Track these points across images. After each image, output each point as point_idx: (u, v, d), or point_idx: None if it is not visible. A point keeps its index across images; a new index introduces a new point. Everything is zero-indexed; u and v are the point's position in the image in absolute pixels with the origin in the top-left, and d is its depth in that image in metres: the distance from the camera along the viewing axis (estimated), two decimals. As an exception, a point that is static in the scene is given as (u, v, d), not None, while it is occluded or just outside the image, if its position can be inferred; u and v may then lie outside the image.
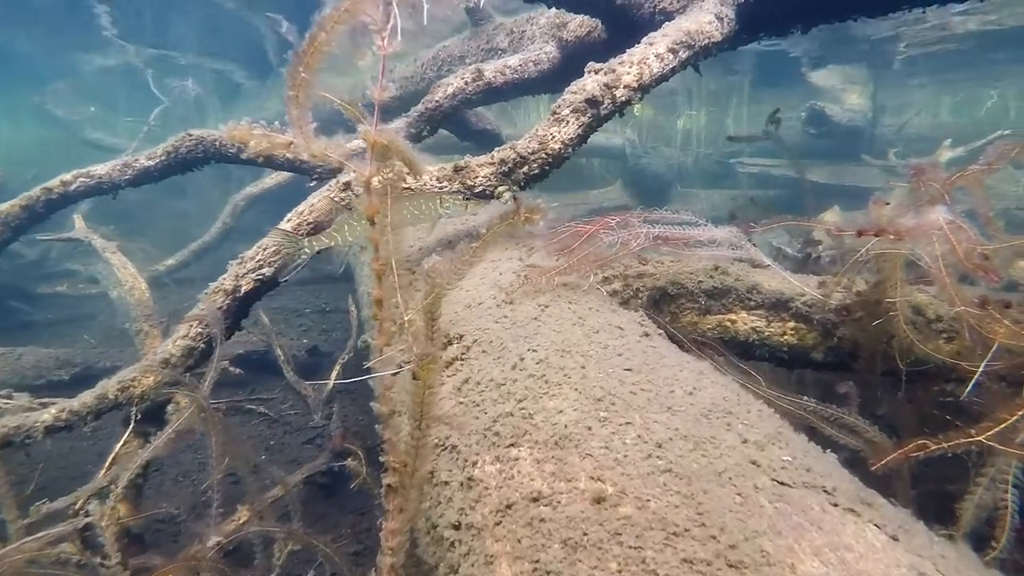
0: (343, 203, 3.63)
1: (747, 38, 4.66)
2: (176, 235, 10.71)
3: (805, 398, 3.04)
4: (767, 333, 3.48)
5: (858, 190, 12.04)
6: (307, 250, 3.34)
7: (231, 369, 6.39)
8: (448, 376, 2.72)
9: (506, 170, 3.68)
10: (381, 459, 1.81)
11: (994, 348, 2.13)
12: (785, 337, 3.46)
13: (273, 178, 9.99)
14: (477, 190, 3.70)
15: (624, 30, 4.78)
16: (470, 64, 5.48)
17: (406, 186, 3.60)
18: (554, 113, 3.73)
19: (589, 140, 12.34)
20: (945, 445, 1.83)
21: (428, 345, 1.69)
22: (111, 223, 10.27)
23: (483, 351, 2.67)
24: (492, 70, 5.38)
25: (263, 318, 6.48)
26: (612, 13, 4.85)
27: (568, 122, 3.68)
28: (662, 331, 2.98)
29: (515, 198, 3.53)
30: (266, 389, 6.42)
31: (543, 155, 3.69)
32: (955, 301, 2.17)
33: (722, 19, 4.20)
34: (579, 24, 5.65)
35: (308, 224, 3.56)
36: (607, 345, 2.45)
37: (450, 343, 2.88)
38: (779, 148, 5.80)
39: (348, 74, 11.16)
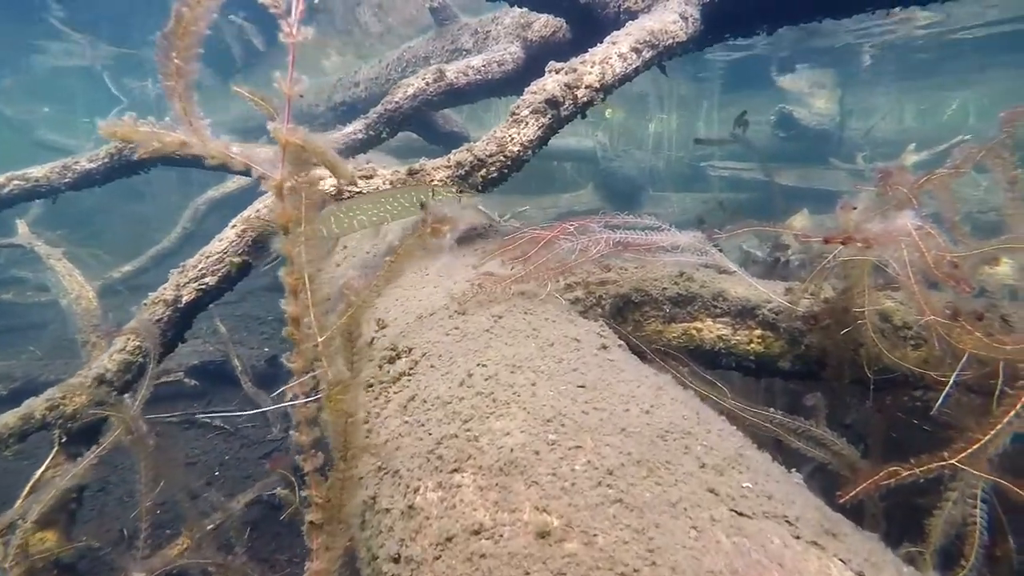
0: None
1: (713, 39, 4.57)
2: (134, 240, 10.34)
3: (772, 410, 2.93)
4: (733, 341, 3.37)
5: (827, 193, 12.12)
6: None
7: (186, 380, 6.13)
8: (395, 392, 2.55)
9: (463, 173, 3.52)
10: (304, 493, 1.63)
11: (964, 359, 2.03)
12: (752, 345, 3.35)
13: (235, 182, 9.71)
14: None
15: (589, 30, 4.65)
16: (435, 65, 5.32)
17: (357, 189, 3.42)
18: (513, 114, 3.59)
19: (561, 143, 12.22)
20: (917, 471, 1.72)
21: (346, 369, 1.51)
22: (64, 228, 9.88)
23: (431, 366, 2.51)
24: (454, 71, 5.22)
25: (220, 327, 6.23)
26: (576, 13, 4.72)
27: (527, 123, 3.54)
28: (623, 342, 2.84)
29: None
30: (224, 401, 6.17)
31: (501, 158, 3.54)
32: (925, 312, 2.06)
33: (687, 19, 4.10)
34: (544, 24, 5.53)
35: (253, 229, 3.36)
36: (561, 359, 2.30)
37: (398, 356, 2.71)
38: (748, 151, 5.75)
39: (311, 74, 10.87)
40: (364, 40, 9.86)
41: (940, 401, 2.07)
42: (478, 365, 2.33)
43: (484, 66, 5.34)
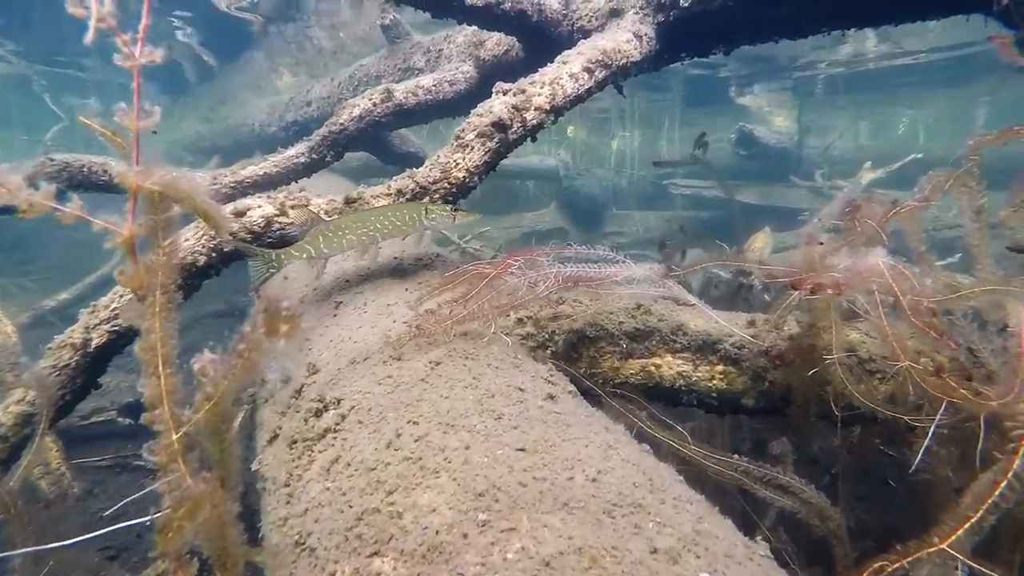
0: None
1: (669, 58, 4.43)
2: (74, 267, 9.79)
3: (736, 456, 2.73)
4: (694, 378, 3.17)
5: (788, 210, 12.18)
6: (275, 264, 2.96)
7: (119, 419, 5.71)
8: (319, 451, 2.27)
9: (404, 201, 3.28)
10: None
11: (943, 408, 1.85)
12: (714, 382, 3.16)
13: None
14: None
15: (542, 49, 4.47)
16: (383, 85, 5.08)
17: (289, 220, 3.14)
18: (458, 138, 3.36)
19: (523, 161, 12.04)
20: (904, 561, 1.51)
21: (213, 478, 1.24)
22: (-4, 253, 9.31)
23: (359, 421, 2.24)
24: (403, 91, 4.99)
25: (155, 362, 5.80)
26: (528, 31, 4.55)
27: (473, 148, 3.32)
28: (574, 387, 2.61)
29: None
30: (159, 441, 5.74)
31: (446, 184, 3.31)
32: (901, 357, 1.88)
33: (641, 38, 3.94)
34: (496, 43, 5.35)
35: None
36: (501, 415, 2.06)
37: (325, 409, 2.44)
38: (708, 171, 5.63)
39: (267, 93, 10.59)
40: (317, 59, 9.60)
41: (918, 458, 1.89)
42: (409, 422, 2.08)
43: (435, 86, 5.13)
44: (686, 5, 3.94)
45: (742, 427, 4.17)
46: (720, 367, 3.15)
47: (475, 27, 4.83)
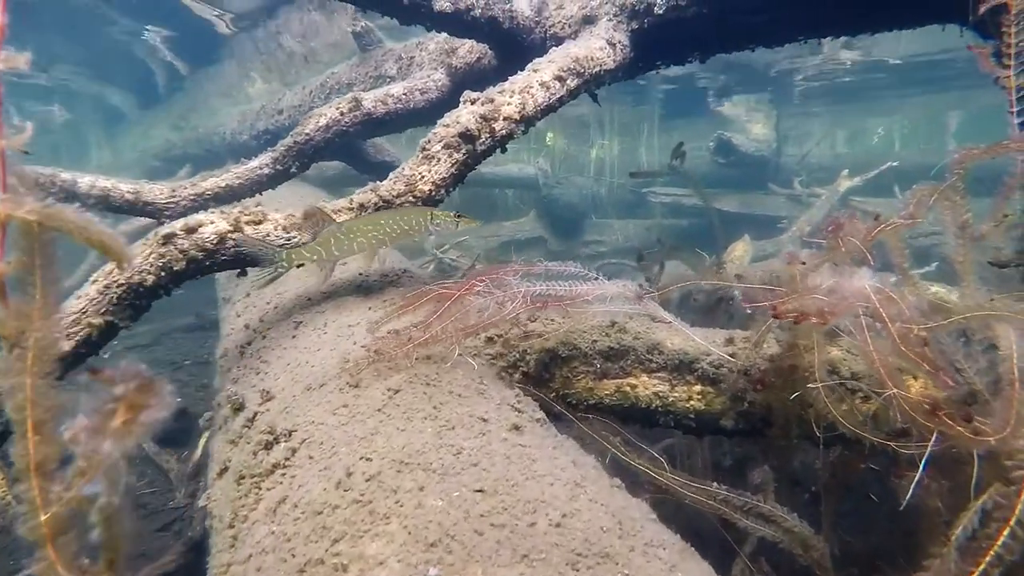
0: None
1: (644, 66, 4.33)
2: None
3: (715, 485, 2.60)
4: (671, 399, 3.04)
5: (767, 219, 12.18)
6: (284, 264, 2.89)
7: (77, 442, 5.42)
8: (267, 489, 2.11)
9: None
10: None
11: (933, 439, 1.74)
12: (691, 403, 3.03)
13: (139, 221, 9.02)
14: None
15: (515, 56, 4.35)
16: (351, 93, 4.92)
17: (241, 237, 2.97)
18: (423, 149, 3.22)
19: (502, 170, 11.89)
20: None
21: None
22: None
23: (310, 456, 2.08)
24: (372, 99, 4.84)
25: (115, 381, 5.55)
26: (499, 38, 4.42)
27: (439, 160, 3.17)
28: (542, 415, 2.47)
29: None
30: (119, 464, 5.48)
31: (411, 198, 3.16)
32: (905, 409, 1.75)
33: (614, 45, 3.83)
34: (469, 50, 5.22)
35: (118, 285, 2.86)
36: (461, 450, 1.91)
37: (276, 441, 2.27)
38: (687, 181, 5.55)
39: (238, 101, 10.36)
40: (289, 66, 9.41)
41: (910, 493, 1.77)
42: (362, 459, 1.92)
43: (405, 94, 4.98)
44: (660, 12, 3.84)
45: (722, 443, 4.06)
46: (698, 387, 3.02)
47: (439, 33, 4.69)
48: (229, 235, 2.91)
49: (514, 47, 4.48)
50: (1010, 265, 2.72)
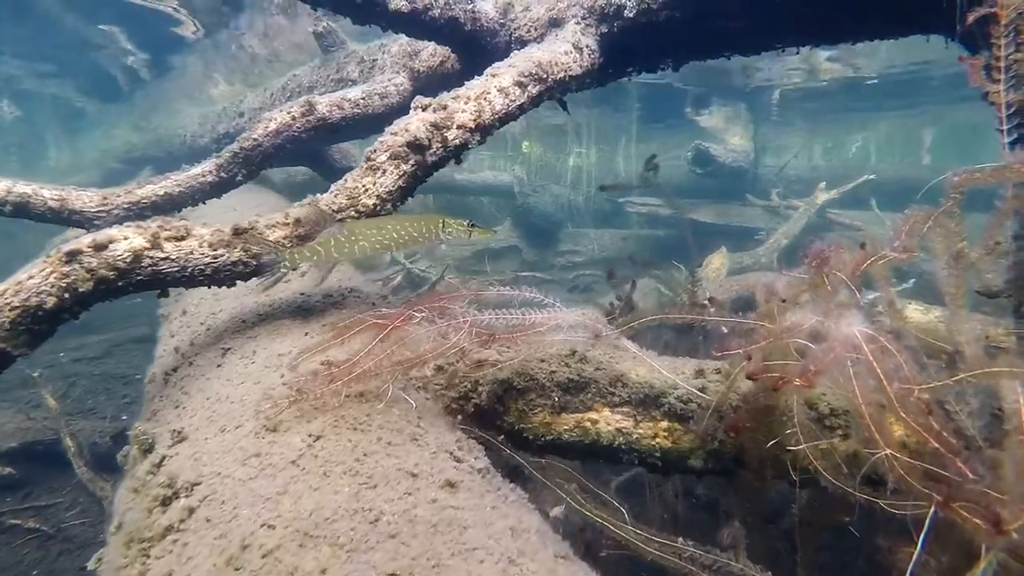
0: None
1: (614, 73, 4.09)
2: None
3: (681, 540, 2.34)
4: (635, 436, 2.79)
5: (744, 230, 12.05)
6: (286, 263, 2.73)
7: (-1, 468, 5.06)
8: (156, 558, 1.80)
9: (303, 233, 2.83)
10: None
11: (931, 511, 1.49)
12: (657, 440, 2.78)
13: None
14: (265, 259, 2.81)
15: (479, 60, 4.08)
16: (304, 97, 4.62)
17: (163, 255, 2.65)
18: (368, 159, 2.94)
19: (477, 177, 11.57)
20: None
21: None
22: None
23: (207, 519, 1.78)
24: (327, 104, 4.54)
25: (48, 400, 5.18)
26: (461, 41, 4.16)
27: (385, 171, 2.89)
28: (486, 463, 2.19)
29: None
30: (50, 491, 5.10)
31: (353, 213, 2.88)
32: (912, 486, 1.51)
33: (581, 50, 3.59)
34: (432, 53, 4.95)
35: (12, 308, 2.52)
36: (379, 516, 1.62)
37: (176, 496, 1.97)
38: (662, 193, 5.34)
39: (201, 103, 9.97)
40: (252, 67, 9.06)
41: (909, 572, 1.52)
42: (263, 526, 1.63)
43: (363, 99, 4.69)
44: (631, 16, 3.61)
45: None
46: (664, 424, 2.78)
47: (397, 34, 4.41)
48: (146, 252, 2.59)
49: (478, 50, 4.22)
50: (1001, 295, 2.51)
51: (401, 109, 4.92)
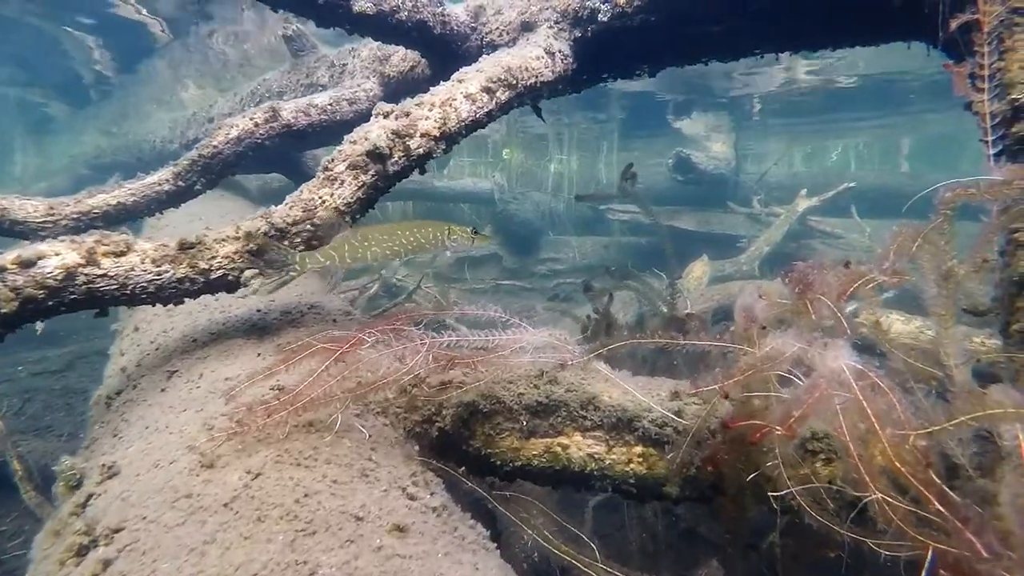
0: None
1: (589, 79, 3.96)
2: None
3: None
4: (608, 461, 2.64)
5: (725, 237, 12.00)
6: (297, 267, 2.67)
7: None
8: (69, 617, 1.61)
9: (256, 247, 2.65)
10: None
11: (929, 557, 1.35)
12: (631, 466, 2.63)
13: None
14: (214, 275, 2.63)
15: (450, 65, 3.92)
16: (269, 103, 4.43)
17: (101, 271, 2.46)
18: (326, 169, 2.77)
19: (458, 184, 11.38)
20: None
21: None
22: None
23: (127, 572, 1.59)
24: (292, 110, 4.36)
25: (-4, 421, 4.91)
26: (430, 45, 4.00)
27: (343, 182, 2.73)
28: (444, 498, 2.03)
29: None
30: (-6, 518, 4.83)
31: (309, 227, 2.70)
32: (907, 533, 1.37)
33: (553, 54, 3.45)
34: (402, 58, 4.79)
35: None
36: (315, 569, 1.45)
37: (94, 544, 1.77)
38: (640, 201, 5.23)
39: (172, 107, 9.72)
40: (223, 71, 8.84)
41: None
42: (185, 582, 1.45)
43: (331, 104, 4.52)
44: (605, 20, 3.47)
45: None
46: (638, 449, 2.63)
47: (364, 37, 4.24)
48: (80, 269, 2.40)
49: (448, 55, 4.07)
50: (988, 313, 2.39)
51: (370, 115, 4.76)
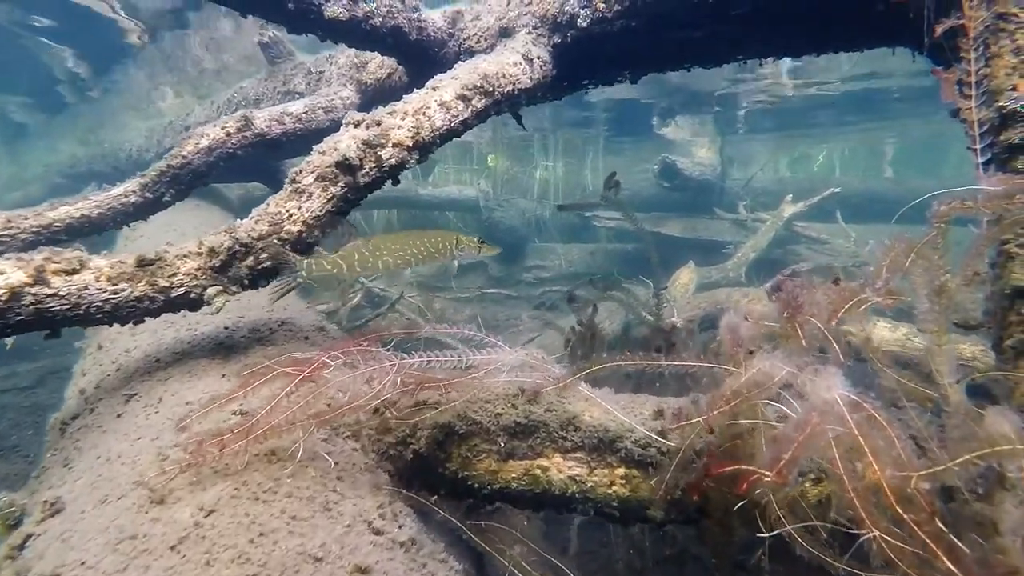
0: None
1: (568, 85, 3.86)
2: None
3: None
4: (590, 484, 2.53)
5: (712, 243, 11.95)
6: (303, 274, 2.66)
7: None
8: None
9: (219, 264, 2.53)
10: None
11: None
12: (614, 488, 2.53)
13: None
14: (175, 293, 2.50)
15: (427, 72, 3.82)
16: (241, 111, 4.30)
17: (49, 290, 2.33)
18: (292, 181, 2.65)
19: (442, 192, 11.27)
20: None
21: None
22: None
23: (58, 627, 1.46)
24: (266, 118, 4.23)
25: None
26: (406, 51, 3.90)
27: (311, 194, 2.61)
28: (411, 531, 1.91)
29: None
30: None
31: (275, 241, 2.57)
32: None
33: (531, 61, 3.35)
34: (379, 65, 4.68)
35: None
36: (265, 625, 1.33)
37: (29, 595, 1.64)
38: (623, 209, 5.14)
39: (149, 115, 9.53)
40: (201, 78, 8.68)
41: None
42: (119, 641, 1.32)
43: (306, 113, 4.39)
44: (584, 25, 3.38)
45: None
46: (621, 470, 2.53)
47: (338, 44, 4.14)
48: (27, 289, 2.27)
49: (425, 62, 3.97)
50: (980, 327, 2.31)
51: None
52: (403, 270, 2.85)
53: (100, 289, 2.40)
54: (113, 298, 2.42)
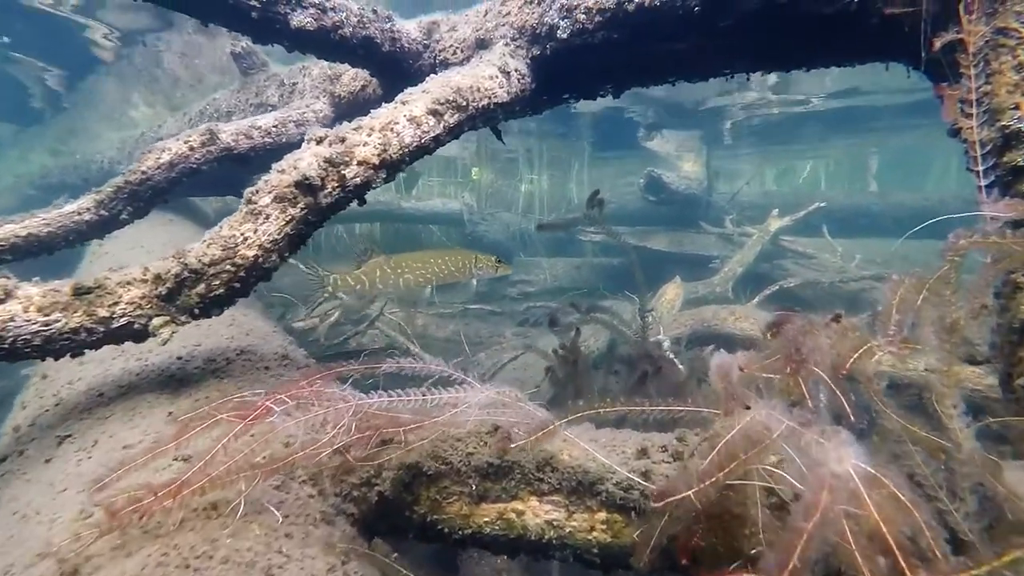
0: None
1: (548, 99, 3.70)
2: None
3: None
4: (568, 529, 2.34)
5: (698, 258, 11.86)
6: (329, 289, 2.80)
7: None
8: None
9: (166, 292, 2.32)
10: None
11: None
12: (594, 534, 2.34)
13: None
14: (117, 324, 2.29)
15: (400, 85, 3.64)
16: (205, 124, 4.10)
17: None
18: (248, 202, 2.46)
19: (426, 205, 11.11)
20: None
21: None
22: None
23: None
24: (232, 132, 4.03)
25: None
26: (379, 63, 3.72)
27: (269, 216, 2.41)
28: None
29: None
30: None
31: (229, 267, 2.37)
32: None
33: (508, 74, 3.19)
34: (353, 77, 4.50)
35: None
36: None
37: None
38: (605, 231, 4.98)
39: (122, 126, 9.28)
40: (173, 89, 8.47)
41: None
42: None
43: (276, 126, 4.20)
44: (564, 37, 3.23)
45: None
46: (602, 515, 2.34)
47: (305, 55, 3.95)
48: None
49: (399, 74, 3.79)
50: (986, 363, 2.16)
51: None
52: (423, 288, 2.85)
53: (29, 320, 2.18)
54: (44, 330, 2.20)
